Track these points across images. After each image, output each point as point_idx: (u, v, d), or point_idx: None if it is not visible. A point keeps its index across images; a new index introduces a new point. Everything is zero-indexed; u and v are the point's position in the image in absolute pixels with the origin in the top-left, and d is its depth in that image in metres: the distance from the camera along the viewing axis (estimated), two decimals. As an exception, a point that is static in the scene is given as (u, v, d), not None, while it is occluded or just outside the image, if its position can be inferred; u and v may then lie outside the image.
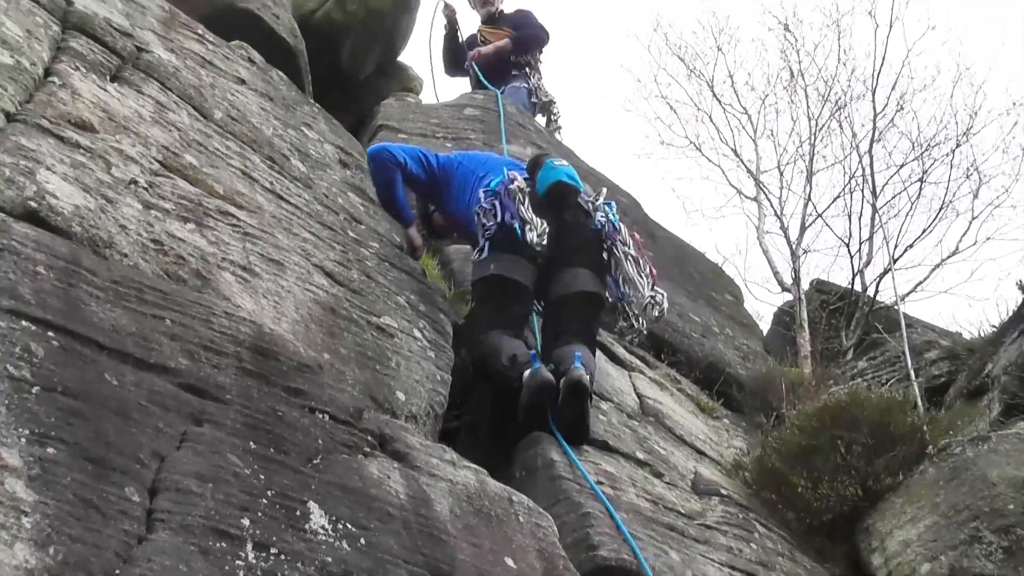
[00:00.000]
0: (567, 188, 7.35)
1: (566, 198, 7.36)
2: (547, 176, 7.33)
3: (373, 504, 4.16)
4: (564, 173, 7.38)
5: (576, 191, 7.41)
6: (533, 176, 7.46)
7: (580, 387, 6.63)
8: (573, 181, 7.39)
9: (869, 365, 11.86)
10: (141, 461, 3.42)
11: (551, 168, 7.39)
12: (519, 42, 13.17)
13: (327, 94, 10.34)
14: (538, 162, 7.54)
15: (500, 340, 6.91)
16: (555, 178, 7.31)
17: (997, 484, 6.66)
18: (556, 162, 7.49)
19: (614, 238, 7.38)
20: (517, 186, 7.24)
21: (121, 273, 4.23)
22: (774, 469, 7.60)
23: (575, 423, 6.67)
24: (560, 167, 7.41)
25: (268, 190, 6.11)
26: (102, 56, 5.69)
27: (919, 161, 16.42)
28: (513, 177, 7.33)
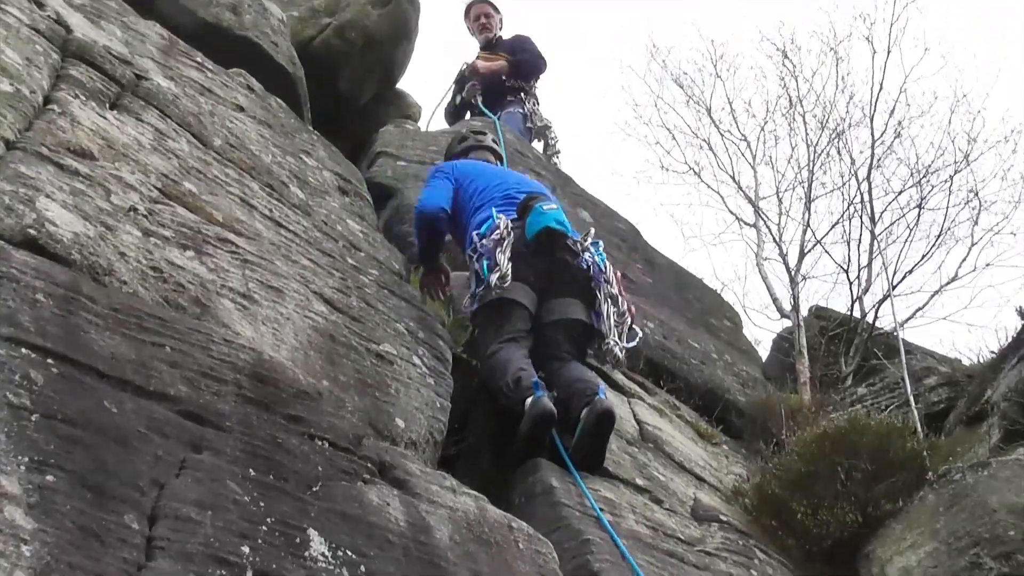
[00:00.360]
0: (554, 234, 7.50)
1: (554, 243, 7.51)
2: (535, 222, 7.48)
3: (373, 531, 4.15)
4: (552, 219, 7.52)
5: (563, 236, 7.55)
6: (523, 219, 7.60)
7: (608, 418, 6.79)
8: (561, 226, 7.53)
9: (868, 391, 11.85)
10: (140, 488, 3.41)
11: (539, 214, 7.52)
12: (517, 66, 13.23)
13: (326, 121, 10.36)
14: (528, 206, 7.65)
15: (505, 353, 7.03)
16: (542, 224, 7.46)
17: (997, 510, 6.65)
18: (545, 206, 7.61)
19: (599, 278, 7.55)
20: (499, 235, 7.44)
21: (120, 300, 4.22)
22: (774, 495, 7.60)
23: (593, 453, 6.80)
24: (548, 212, 7.55)
25: (267, 217, 6.11)
26: (101, 84, 5.70)
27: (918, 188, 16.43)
28: (497, 225, 7.52)
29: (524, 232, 7.51)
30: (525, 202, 7.71)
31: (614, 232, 11.64)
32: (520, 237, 7.48)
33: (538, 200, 7.70)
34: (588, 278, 7.56)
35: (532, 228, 7.47)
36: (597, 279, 7.55)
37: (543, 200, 7.72)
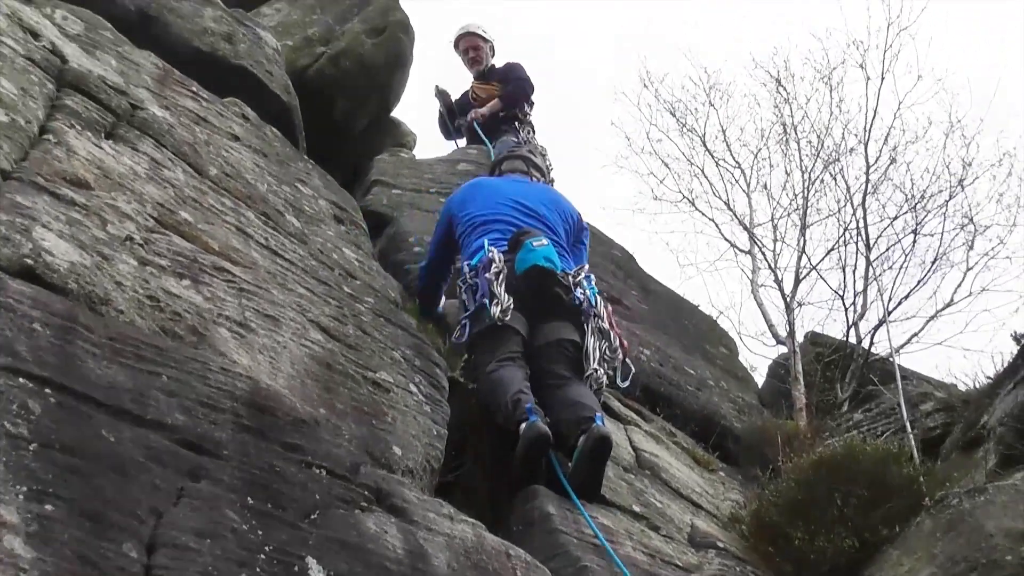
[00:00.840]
0: (543, 272, 7.50)
1: (543, 281, 7.51)
2: (525, 259, 7.50)
3: (371, 559, 4.15)
4: (541, 256, 7.53)
5: (552, 274, 7.55)
6: (513, 252, 7.63)
7: (605, 444, 6.80)
8: (550, 263, 7.53)
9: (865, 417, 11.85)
10: (138, 517, 3.41)
11: (529, 250, 7.54)
12: (508, 98, 13.27)
13: (321, 150, 10.37)
14: (518, 241, 7.69)
15: (506, 373, 7.06)
16: (532, 262, 7.48)
17: (994, 535, 6.64)
18: (535, 243, 7.62)
19: (589, 312, 7.58)
20: (495, 268, 7.49)
21: (117, 330, 4.23)
22: (771, 522, 7.59)
23: (591, 479, 6.82)
24: (538, 249, 7.56)
25: (263, 246, 6.12)
26: (97, 114, 5.71)
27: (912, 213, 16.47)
28: (491, 259, 7.56)
29: (513, 267, 7.54)
30: (516, 237, 7.75)
31: (609, 259, 11.68)
32: (511, 271, 7.53)
33: (529, 236, 7.71)
34: (579, 311, 7.59)
35: (521, 265, 7.49)
36: (587, 313, 7.58)
37: (534, 236, 7.73)
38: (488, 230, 7.93)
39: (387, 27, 12.66)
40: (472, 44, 13.81)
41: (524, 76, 13.63)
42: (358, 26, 12.48)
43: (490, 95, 13.46)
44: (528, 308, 7.49)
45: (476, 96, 13.56)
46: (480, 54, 13.77)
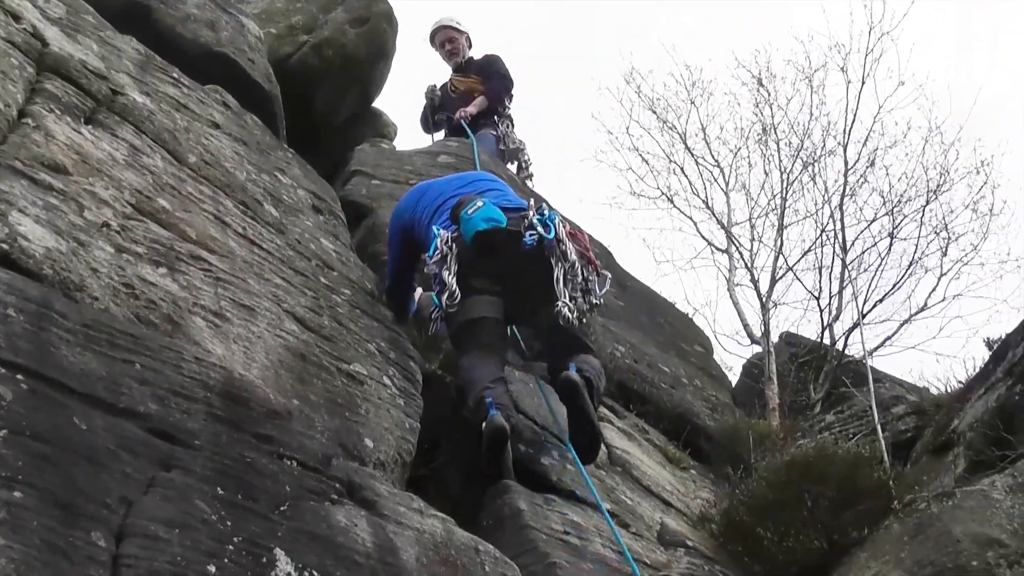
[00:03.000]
0: (489, 235, 7.29)
1: (493, 243, 7.31)
2: (467, 231, 7.30)
3: (340, 552, 4.16)
4: (479, 219, 7.30)
5: (499, 232, 7.33)
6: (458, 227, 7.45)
7: (573, 389, 7.03)
8: (491, 222, 7.32)
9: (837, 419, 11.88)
10: (109, 506, 3.41)
11: (467, 220, 7.33)
12: (491, 95, 13.28)
13: (301, 139, 10.35)
14: (456, 215, 7.47)
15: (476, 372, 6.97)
16: (473, 229, 7.26)
17: (961, 540, 6.68)
18: (470, 210, 7.38)
19: (551, 247, 7.39)
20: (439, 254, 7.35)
21: (92, 317, 4.23)
22: (741, 522, 7.61)
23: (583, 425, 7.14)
24: (474, 215, 7.32)
25: (240, 235, 6.12)
26: (77, 98, 5.70)
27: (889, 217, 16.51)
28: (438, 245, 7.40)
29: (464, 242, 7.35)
30: (454, 210, 7.54)
31: (586, 254, 11.66)
32: (463, 246, 7.34)
33: (462, 206, 7.47)
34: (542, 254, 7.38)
35: (467, 236, 7.28)
36: (550, 248, 7.38)
37: (467, 203, 7.48)
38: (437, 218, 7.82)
39: (371, 17, 12.62)
40: (448, 37, 13.79)
41: (504, 72, 13.63)
42: (342, 15, 12.44)
43: (468, 88, 13.48)
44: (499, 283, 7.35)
45: (455, 88, 13.57)
46: (456, 46, 13.77)
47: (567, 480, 6.94)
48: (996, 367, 9.09)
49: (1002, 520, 6.84)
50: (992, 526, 6.79)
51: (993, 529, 6.76)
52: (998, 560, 6.50)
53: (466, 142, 12.22)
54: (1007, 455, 7.67)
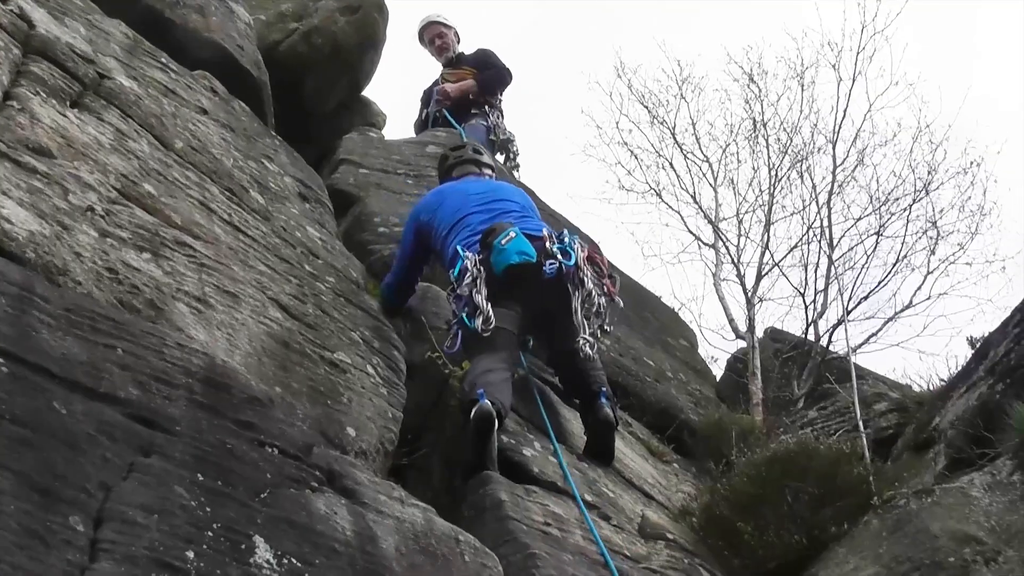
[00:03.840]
0: (520, 269, 7.50)
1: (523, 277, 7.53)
2: (499, 261, 7.50)
3: (319, 540, 4.16)
4: (514, 252, 7.53)
5: (529, 266, 7.55)
6: (487, 253, 7.64)
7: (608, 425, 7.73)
8: (524, 256, 7.54)
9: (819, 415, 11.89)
10: (87, 491, 3.41)
11: (500, 251, 7.53)
12: (485, 83, 13.27)
13: (289, 127, 10.34)
14: (488, 243, 7.66)
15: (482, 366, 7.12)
16: (505, 262, 7.47)
17: (939, 537, 6.70)
18: (504, 240, 7.60)
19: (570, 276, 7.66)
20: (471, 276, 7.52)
21: (74, 301, 4.22)
22: (721, 516, 7.62)
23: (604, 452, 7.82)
24: (508, 246, 7.55)
25: (226, 221, 6.11)
26: (63, 82, 5.68)
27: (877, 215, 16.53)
28: (466, 267, 7.57)
29: (492, 269, 7.55)
30: (485, 238, 7.73)
31: (574, 248, 11.66)
32: (490, 272, 7.55)
33: (495, 234, 7.69)
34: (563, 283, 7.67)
35: (497, 267, 7.50)
36: (568, 277, 7.67)
37: (500, 232, 7.70)
38: (458, 232, 8.05)
39: (361, 6, 12.60)
40: (436, 33, 13.81)
41: (502, 64, 13.63)
42: (332, 3, 12.42)
43: (460, 78, 13.46)
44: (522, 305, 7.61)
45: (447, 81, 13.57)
46: (446, 41, 13.79)
47: (549, 472, 6.95)
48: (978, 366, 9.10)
49: (980, 518, 6.86)
50: (970, 523, 6.81)
51: (971, 526, 6.78)
52: (975, 557, 6.52)
53: (455, 132, 12.22)
54: (987, 453, 7.68)
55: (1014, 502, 6.87)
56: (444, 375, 7.33)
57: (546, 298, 7.65)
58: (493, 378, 7.01)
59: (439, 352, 7.45)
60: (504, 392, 7.00)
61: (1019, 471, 7.09)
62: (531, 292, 7.59)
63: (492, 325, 7.28)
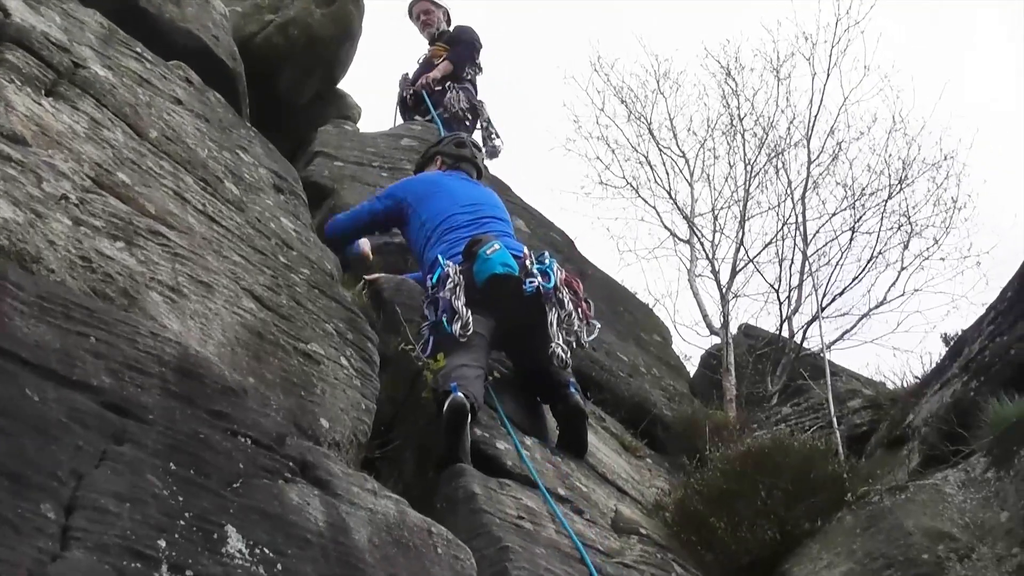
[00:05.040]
0: (503, 280, 7.76)
1: (504, 287, 7.77)
2: (481, 270, 7.77)
3: (291, 530, 4.14)
4: (497, 263, 7.80)
5: (511, 279, 7.81)
6: (469, 262, 7.88)
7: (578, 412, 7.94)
8: (507, 268, 7.80)
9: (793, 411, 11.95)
10: (59, 478, 3.39)
11: (484, 260, 7.80)
12: (457, 62, 13.41)
13: (264, 118, 10.32)
14: (472, 252, 7.91)
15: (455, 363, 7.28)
16: (489, 272, 7.74)
17: (912, 533, 6.73)
18: (488, 251, 7.87)
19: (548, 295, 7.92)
20: (452, 282, 7.75)
21: (47, 289, 4.19)
22: (695, 511, 7.63)
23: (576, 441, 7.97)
24: (492, 257, 7.83)
25: (200, 211, 6.09)
26: (38, 70, 5.65)
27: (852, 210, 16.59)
28: (447, 274, 7.82)
29: (473, 278, 7.78)
30: (469, 247, 7.97)
31: (549, 242, 11.70)
32: (471, 282, 7.77)
33: (481, 244, 7.95)
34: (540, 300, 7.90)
35: (480, 276, 7.75)
36: (547, 297, 7.90)
37: (485, 243, 7.97)
38: (442, 240, 8.33)
39: (337, -2, 12.61)
40: (423, 9, 14.15)
41: (469, 38, 13.80)
42: (308, -5, 12.42)
43: (433, 54, 13.72)
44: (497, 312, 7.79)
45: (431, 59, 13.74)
46: (431, 18, 14.02)
47: (522, 465, 6.96)
48: (952, 363, 9.15)
49: (953, 514, 6.89)
50: (943, 520, 6.84)
51: (944, 523, 6.81)
52: (948, 553, 6.55)
53: (429, 125, 12.23)
54: (960, 450, 7.72)
55: (988, 499, 6.90)
56: (417, 367, 7.35)
57: (521, 313, 7.84)
58: (467, 372, 7.10)
59: (412, 344, 7.47)
60: (477, 387, 7.09)
61: (993, 468, 7.11)
62: (507, 305, 7.79)
63: (470, 331, 7.45)
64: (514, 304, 7.82)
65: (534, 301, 7.86)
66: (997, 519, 6.68)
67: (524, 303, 7.84)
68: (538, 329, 7.80)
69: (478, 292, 7.70)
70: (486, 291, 7.70)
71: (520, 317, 7.86)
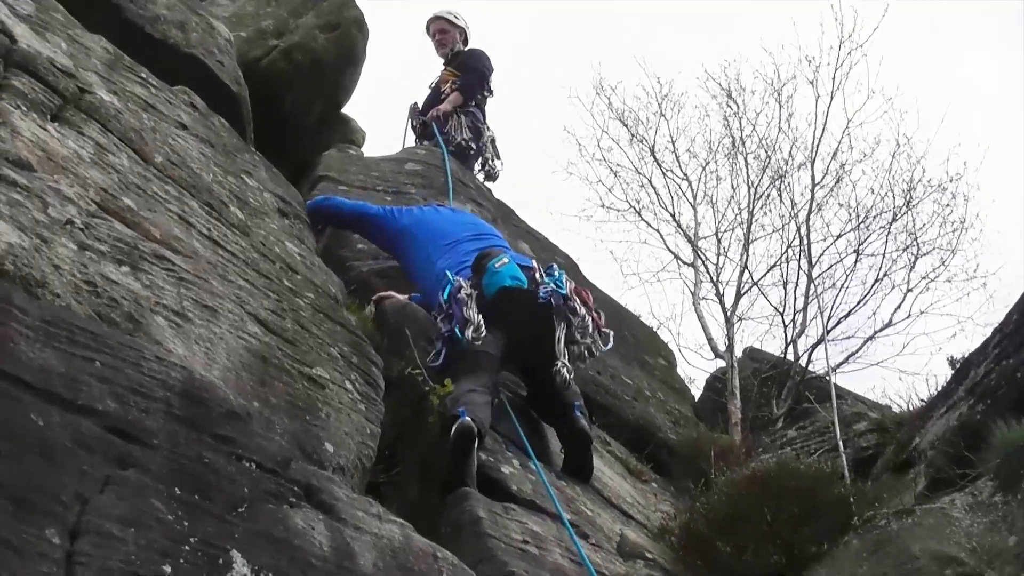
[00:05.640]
0: (513, 293, 7.89)
1: (514, 300, 7.89)
2: (492, 283, 7.90)
3: (296, 555, 4.13)
4: (507, 276, 7.94)
5: (521, 291, 7.93)
6: (478, 276, 8.01)
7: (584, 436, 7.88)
8: (516, 281, 7.93)
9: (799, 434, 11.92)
10: (63, 503, 3.38)
11: (494, 273, 7.94)
12: (466, 91, 13.36)
13: (269, 143, 10.33)
14: (481, 265, 8.05)
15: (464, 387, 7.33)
16: (499, 284, 7.88)
17: (919, 557, 6.70)
18: (497, 264, 8.02)
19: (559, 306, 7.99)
20: (464, 293, 7.85)
21: (53, 313, 4.19)
22: (700, 535, 7.62)
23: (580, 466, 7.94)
24: (502, 270, 7.98)
25: (205, 236, 6.09)
26: (44, 96, 5.65)
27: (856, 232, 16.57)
28: (459, 286, 7.92)
29: (483, 291, 7.88)
30: (478, 261, 8.11)
31: (554, 266, 11.67)
32: (480, 296, 7.85)
33: (490, 258, 8.09)
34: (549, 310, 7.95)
35: (490, 289, 7.86)
36: (558, 307, 7.96)
37: (494, 256, 8.12)
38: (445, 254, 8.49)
39: (341, 23, 12.61)
40: (439, 28, 14.02)
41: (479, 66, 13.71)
42: (312, 20, 12.43)
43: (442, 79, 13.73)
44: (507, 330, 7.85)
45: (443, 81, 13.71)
46: (447, 38, 13.93)
47: (527, 489, 6.95)
48: (958, 385, 9.13)
49: (961, 538, 6.86)
50: (951, 544, 6.81)
51: (952, 547, 6.78)
52: (956, 577, 6.54)
53: (434, 150, 12.24)
54: (967, 474, 7.70)
55: (995, 523, 6.87)
56: (422, 391, 7.34)
57: (531, 326, 7.88)
58: (476, 399, 7.13)
59: (419, 368, 7.46)
60: (485, 413, 7.12)
61: (1000, 492, 7.09)
62: (517, 317, 7.84)
63: (483, 334, 7.55)
64: (524, 316, 7.89)
65: (544, 313, 7.93)
66: (1005, 543, 6.66)
67: (535, 315, 7.92)
68: (547, 343, 7.85)
69: (488, 306, 7.77)
70: (496, 304, 7.78)
71: (530, 330, 7.91)
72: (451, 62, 13.84)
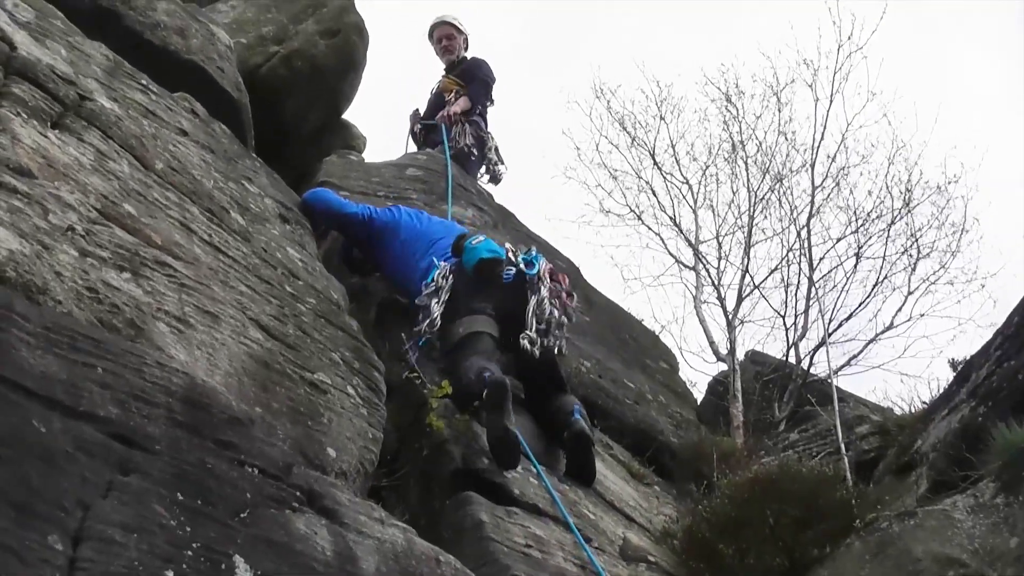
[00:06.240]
0: (490, 263, 8.20)
1: (493, 270, 8.17)
2: (470, 258, 8.19)
3: (299, 560, 4.14)
4: (484, 249, 8.23)
5: (499, 261, 8.25)
6: (459, 256, 8.30)
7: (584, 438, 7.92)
8: (493, 253, 8.24)
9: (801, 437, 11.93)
10: (65, 509, 3.38)
11: (471, 249, 8.24)
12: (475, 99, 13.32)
13: (269, 149, 10.34)
14: (459, 246, 8.35)
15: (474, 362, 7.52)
16: (477, 257, 8.16)
17: (922, 560, 6.70)
18: (474, 241, 8.32)
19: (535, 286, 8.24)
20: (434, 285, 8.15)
21: (54, 320, 4.19)
22: (703, 538, 7.62)
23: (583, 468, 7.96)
24: (478, 245, 8.26)
25: (206, 242, 6.09)
26: (44, 103, 5.65)
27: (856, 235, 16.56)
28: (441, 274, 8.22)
29: (463, 267, 8.14)
30: (456, 243, 8.39)
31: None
32: (463, 274, 8.10)
33: (466, 237, 8.41)
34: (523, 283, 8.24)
35: (469, 263, 8.10)
36: (531, 283, 8.23)
37: (471, 235, 8.48)
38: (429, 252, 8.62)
39: (341, 29, 12.62)
40: (446, 33, 13.90)
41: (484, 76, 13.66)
42: (312, 27, 12.43)
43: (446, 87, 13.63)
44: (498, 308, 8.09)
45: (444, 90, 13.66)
46: (453, 44, 13.85)
47: (529, 493, 6.95)
48: (960, 388, 9.12)
49: (963, 540, 6.85)
50: (953, 546, 6.81)
51: (954, 549, 6.78)
52: (957, 579, 6.53)
53: (435, 155, 12.23)
54: (969, 476, 7.69)
55: (997, 525, 6.87)
56: (423, 396, 7.34)
57: (508, 300, 8.12)
58: (493, 368, 7.41)
59: (418, 373, 7.47)
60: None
61: (1002, 494, 7.09)
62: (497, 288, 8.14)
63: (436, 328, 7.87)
64: (504, 288, 8.17)
65: (519, 289, 8.19)
66: (1007, 545, 6.65)
67: (511, 289, 8.18)
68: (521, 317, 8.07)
69: (472, 283, 8.07)
70: (476, 278, 8.09)
71: (508, 304, 8.11)
72: (452, 70, 13.78)
